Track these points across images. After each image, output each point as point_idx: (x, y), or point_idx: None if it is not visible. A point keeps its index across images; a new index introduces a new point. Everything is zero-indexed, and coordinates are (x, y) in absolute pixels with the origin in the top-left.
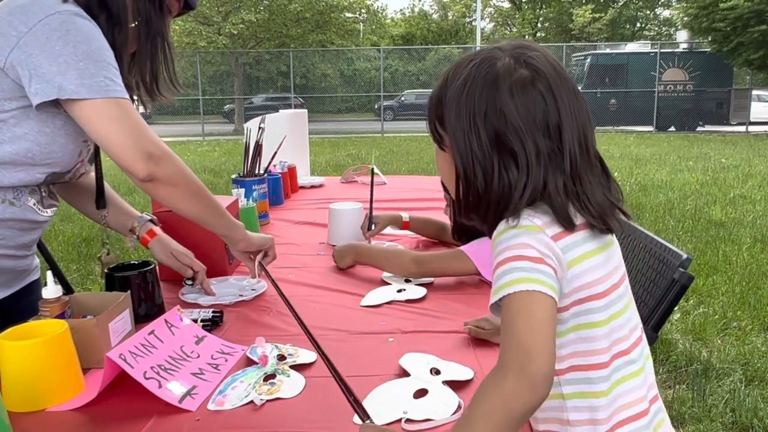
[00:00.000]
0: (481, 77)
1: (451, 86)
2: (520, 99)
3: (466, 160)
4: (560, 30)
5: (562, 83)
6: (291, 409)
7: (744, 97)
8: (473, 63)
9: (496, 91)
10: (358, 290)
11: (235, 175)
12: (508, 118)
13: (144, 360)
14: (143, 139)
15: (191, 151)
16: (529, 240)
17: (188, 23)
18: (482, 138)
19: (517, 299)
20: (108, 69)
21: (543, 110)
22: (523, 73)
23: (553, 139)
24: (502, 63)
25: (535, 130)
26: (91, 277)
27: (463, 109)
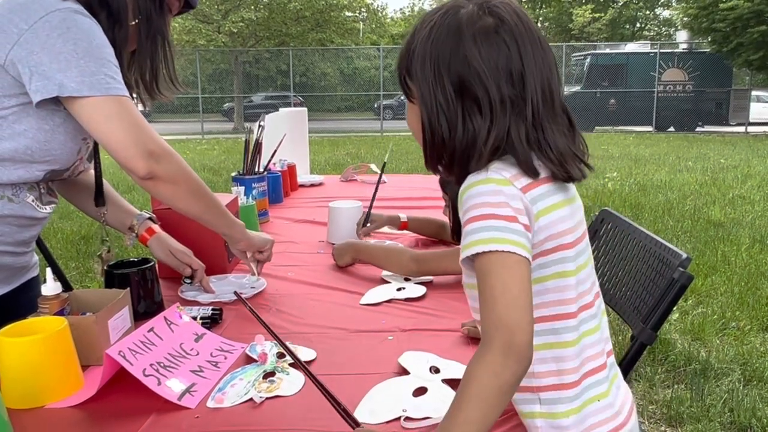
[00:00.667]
0: (445, 25)
1: (418, 36)
2: (483, 46)
3: (431, 110)
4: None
5: (527, 32)
6: (290, 407)
7: (743, 97)
8: (439, 12)
9: (460, 39)
10: (357, 288)
11: (235, 172)
12: (471, 65)
13: (143, 357)
14: (144, 137)
15: (190, 150)
16: (500, 197)
17: (188, 21)
18: (446, 86)
19: (492, 261)
20: (109, 66)
21: (506, 57)
22: (487, 21)
23: (516, 87)
24: (466, 10)
25: (498, 76)
26: (90, 275)
27: (427, 57)
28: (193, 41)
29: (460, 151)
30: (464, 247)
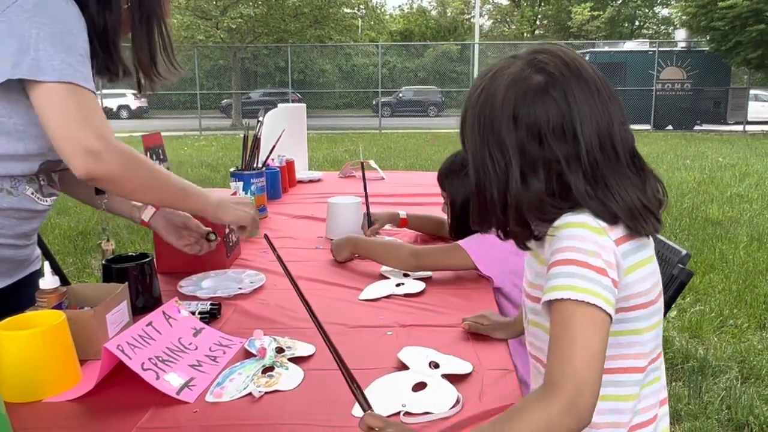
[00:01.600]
0: (492, 89)
1: (469, 101)
2: (531, 107)
3: (479, 174)
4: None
5: (579, 84)
6: (289, 402)
7: (741, 96)
8: (488, 74)
9: (504, 102)
10: (356, 284)
11: (234, 168)
12: (518, 128)
13: (142, 351)
14: (84, 133)
15: (188, 146)
16: (594, 246)
17: (186, 17)
18: (493, 151)
19: (579, 312)
20: (69, 53)
21: (555, 114)
22: (534, 80)
23: (569, 143)
24: (511, 70)
25: (549, 135)
26: (88, 270)
27: (476, 121)
28: (192, 37)
29: (524, 211)
30: (552, 289)
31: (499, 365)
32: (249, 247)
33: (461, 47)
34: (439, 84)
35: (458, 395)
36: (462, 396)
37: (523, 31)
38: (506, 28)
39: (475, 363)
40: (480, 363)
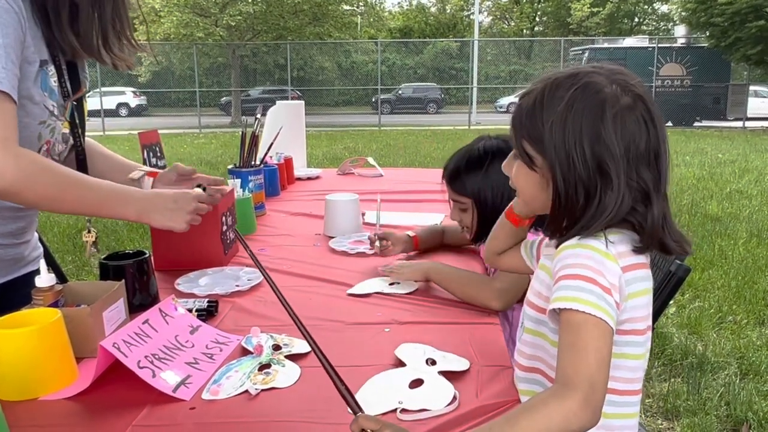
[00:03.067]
0: (587, 102)
1: (551, 109)
2: (624, 127)
3: (570, 184)
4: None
5: (657, 110)
6: (286, 399)
7: (741, 92)
8: (576, 87)
9: (602, 119)
10: (354, 281)
11: (231, 165)
12: (612, 146)
13: (138, 349)
14: None
15: (188, 144)
16: (603, 268)
17: (185, 15)
18: (588, 163)
19: (588, 321)
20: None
21: (645, 139)
22: (626, 101)
23: (652, 168)
24: (608, 90)
25: (638, 158)
26: (86, 269)
27: (569, 132)
28: (191, 35)
29: (587, 219)
30: (561, 299)
31: (495, 362)
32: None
33: (461, 44)
34: (439, 81)
35: (455, 392)
36: (459, 393)
37: (522, 28)
38: (506, 24)
39: (471, 360)
40: (477, 360)
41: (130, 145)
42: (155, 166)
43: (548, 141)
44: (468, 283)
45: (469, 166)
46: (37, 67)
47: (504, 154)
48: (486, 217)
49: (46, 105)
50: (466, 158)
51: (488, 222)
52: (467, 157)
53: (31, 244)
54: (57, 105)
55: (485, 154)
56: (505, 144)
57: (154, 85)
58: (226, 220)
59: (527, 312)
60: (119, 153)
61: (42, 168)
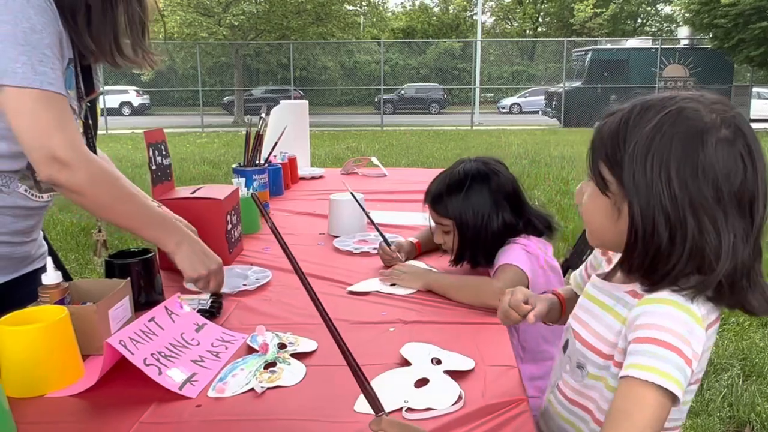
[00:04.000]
0: (681, 127)
1: (636, 131)
2: (722, 161)
3: (649, 217)
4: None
5: (759, 147)
6: (291, 397)
7: (744, 94)
8: (668, 110)
9: (702, 146)
10: (358, 281)
11: (236, 164)
12: (711, 179)
13: (144, 347)
14: (51, 141)
15: (190, 143)
16: (690, 336)
17: (189, 14)
18: (675, 194)
19: (657, 398)
20: (31, 54)
21: (741, 178)
22: (725, 134)
23: (745, 212)
24: (708, 118)
25: (730, 199)
26: (90, 267)
27: (653, 159)
28: (194, 34)
29: (678, 270)
30: (634, 366)
31: (501, 361)
32: (251, 243)
33: (463, 44)
34: (442, 81)
35: (460, 391)
36: (464, 392)
37: (525, 28)
38: (508, 25)
39: (477, 359)
40: (482, 359)
41: (133, 144)
42: (160, 165)
43: (628, 165)
44: (468, 287)
45: (450, 189)
46: (66, 65)
47: (483, 176)
48: (467, 239)
49: (71, 103)
50: (447, 181)
51: (469, 244)
52: (448, 181)
53: (38, 242)
54: (76, 104)
55: (465, 176)
56: (484, 166)
57: (157, 84)
58: (230, 219)
59: (591, 358)
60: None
61: (108, 176)
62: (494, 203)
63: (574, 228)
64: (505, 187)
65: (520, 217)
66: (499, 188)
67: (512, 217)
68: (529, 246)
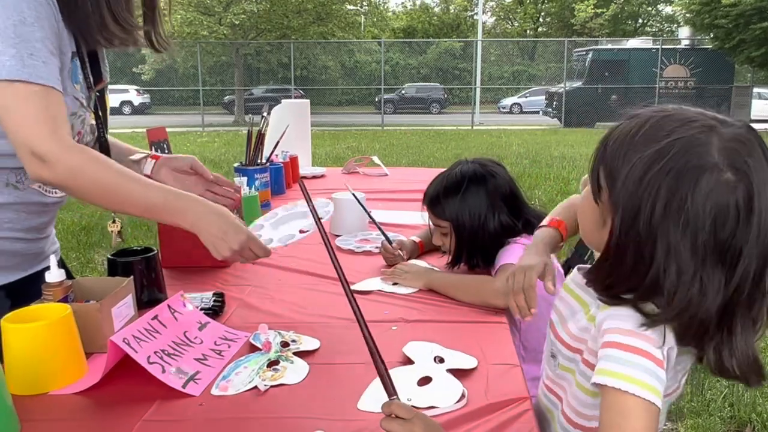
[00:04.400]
0: (682, 160)
1: (640, 148)
2: (712, 208)
3: (624, 235)
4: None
5: (763, 206)
6: (295, 395)
7: (745, 94)
8: (678, 137)
9: (691, 189)
10: (360, 280)
11: (237, 163)
12: (689, 222)
13: (147, 345)
14: (31, 135)
15: (191, 142)
16: (657, 335)
17: (189, 13)
18: (654, 225)
19: (636, 407)
20: (20, 46)
21: (731, 230)
22: (728, 178)
23: (726, 265)
24: (715, 158)
25: (713, 246)
26: (91, 265)
27: (646, 185)
28: (195, 33)
29: (640, 292)
30: (608, 373)
31: (504, 360)
32: None
33: (464, 44)
34: (442, 81)
35: (463, 390)
36: (467, 390)
37: (526, 29)
38: (509, 25)
39: (480, 358)
40: (485, 358)
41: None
42: None
43: (622, 181)
44: (469, 286)
45: (446, 192)
46: (69, 58)
47: (480, 178)
48: (463, 240)
49: (76, 96)
50: (444, 184)
51: (466, 246)
52: (445, 183)
53: (51, 239)
54: (84, 96)
55: (462, 178)
56: (481, 168)
57: (158, 83)
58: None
59: (559, 347)
60: None
61: (94, 164)
62: (491, 205)
63: None
64: (502, 189)
65: (518, 218)
66: (496, 190)
67: (510, 219)
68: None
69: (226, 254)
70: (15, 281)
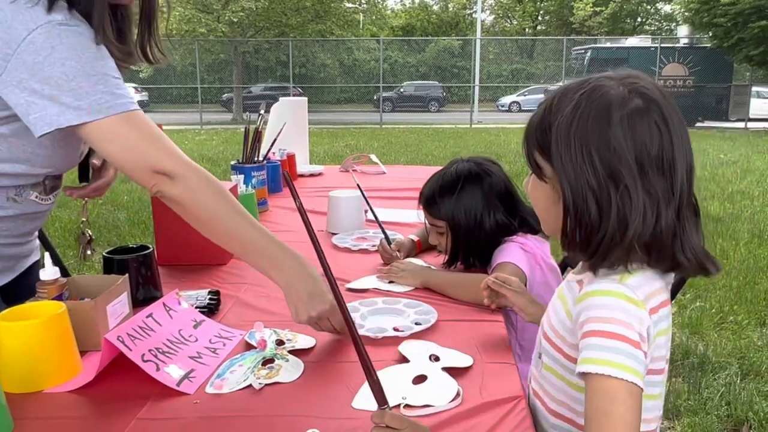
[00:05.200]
0: (593, 106)
1: (558, 114)
2: (635, 131)
3: (578, 193)
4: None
5: (675, 114)
6: (289, 394)
7: (743, 93)
8: (582, 91)
9: (609, 122)
10: (357, 278)
11: (234, 161)
12: (621, 151)
13: (142, 343)
14: (147, 156)
15: (189, 140)
16: (631, 319)
17: (188, 10)
18: (598, 170)
19: (619, 388)
20: (105, 81)
21: (658, 144)
22: (637, 103)
23: (666, 176)
24: (615, 92)
25: (649, 165)
26: (88, 263)
27: (573, 139)
28: (193, 30)
29: (608, 239)
30: (590, 361)
31: (499, 359)
32: None
33: (463, 42)
34: (441, 79)
35: (458, 388)
36: (462, 389)
37: (524, 27)
38: (508, 23)
39: (475, 356)
40: (480, 356)
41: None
42: None
43: (554, 147)
44: (465, 284)
45: (442, 191)
46: None
47: (475, 177)
48: (459, 240)
49: None
50: (440, 182)
51: (462, 245)
52: (441, 182)
53: (35, 236)
54: None
55: (457, 177)
56: (477, 167)
57: (156, 80)
58: None
59: (545, 347)
60: None
61: (216, 186)
62: (487, 204)
63: None
64: (497, 188)
65: (514, 217)
66: (492, 189)
67: (506, 218)
68: (526, 244)
69: (303, 318)
70: (7, 283)
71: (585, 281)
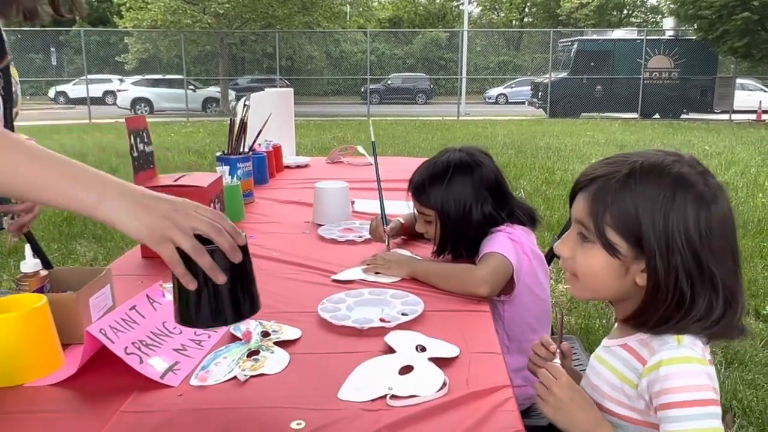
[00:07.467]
0: (686, 195)
1: (645, 195)
2: (724, 216)
3: (667, 269)
4: (547, 15)
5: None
6: (275, 385)
7: (728, 85)
8: (669, 176)
9: (709, 207)
10: (343, 270)
11: (219, 152)
12: (710, 240)
13: (125, 335)
14: None
15: (175, 132)
16: (706, 379)
17: (173, 1)
18: (688, 254)
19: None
20: None
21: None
22: (717, 195)
23: (735, 260)
24: (702, 183)
25: (731, 252)
26: (73, 256)
27: (673, 223)
28: (178, 22)
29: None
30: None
31: (485, 348)
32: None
33: (450, 34)
34: (428, 71)
35: (445, 378)
36: (449, 379)
37: (511, 19)
38: (495, 15)
39: (461, 346)
40: (467, 347)
41: (117, 133)
42: (142, 152)
43: (646, 230)
44: (452, 275)
45: (432, 179)
46: None
47: (466, 167)
48: (448, 229)
49: None
50: (430, 171)
51: (450, 234)
52: (431, 170)
53: None
54: None
55: (448, 166)
56: (468, 157)
57: (141, 72)
58: (214, 207)
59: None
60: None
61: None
62: (476, 194)
63: (559, 217)
64: (488, 179)
65: (502, 209)
66: (482, 180)
67: (494, 209)
68: (513, 234)
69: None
70: None
71: (635, 346)
